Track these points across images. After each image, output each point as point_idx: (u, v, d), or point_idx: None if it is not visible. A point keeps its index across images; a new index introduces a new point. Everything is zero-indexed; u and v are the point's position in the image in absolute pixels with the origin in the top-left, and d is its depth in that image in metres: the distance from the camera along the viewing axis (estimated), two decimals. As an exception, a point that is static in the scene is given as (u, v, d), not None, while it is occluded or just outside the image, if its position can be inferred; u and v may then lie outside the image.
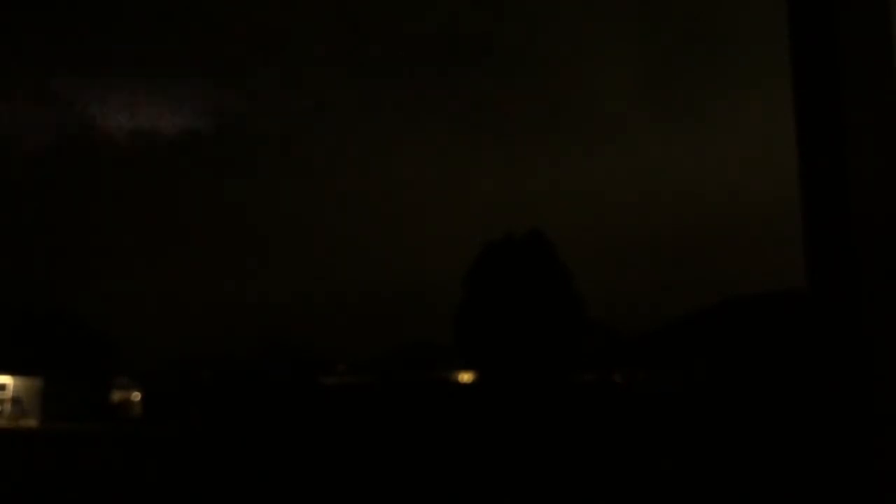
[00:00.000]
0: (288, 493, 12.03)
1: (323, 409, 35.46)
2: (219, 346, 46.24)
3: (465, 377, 39.65)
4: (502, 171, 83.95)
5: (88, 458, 18.93)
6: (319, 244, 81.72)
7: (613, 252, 68.03)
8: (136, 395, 47.70)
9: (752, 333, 28.29)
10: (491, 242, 34.13)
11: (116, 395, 47.68)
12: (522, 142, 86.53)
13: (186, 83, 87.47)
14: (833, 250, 1.45)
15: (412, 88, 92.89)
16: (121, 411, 45.77)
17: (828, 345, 1.43)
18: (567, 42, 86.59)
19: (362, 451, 20.68)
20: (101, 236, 79.56)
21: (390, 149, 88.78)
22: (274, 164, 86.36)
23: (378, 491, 12.25)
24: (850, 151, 1.46)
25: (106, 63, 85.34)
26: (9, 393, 39.84)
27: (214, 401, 39.13)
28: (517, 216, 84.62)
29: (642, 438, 23.03)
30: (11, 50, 73.16)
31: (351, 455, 19.36)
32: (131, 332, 57.75)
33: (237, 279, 75.61)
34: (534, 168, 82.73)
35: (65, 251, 75.93)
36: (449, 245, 72.91)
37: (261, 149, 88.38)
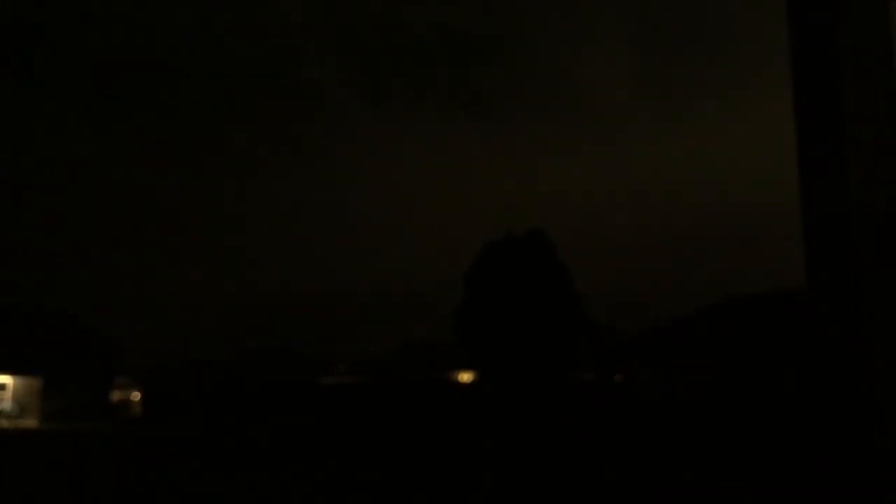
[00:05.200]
0: (288, 492, 12.03)
1: (323, 409, 35.44)
2: (219, 346, 46.30)
3: (465, 377, 39.64)
4: (502, 171, 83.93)
5: (88, 458, 18.93)
6: (320, 244, 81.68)
7: (613, 252, 68.02)
8: (136, 395, 47.70)
9: (752, 333, 28.27)
10: (491, 242, 34.11)
11: (116, 395, 47.67)
12: (522, 142, 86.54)
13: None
14: (833, 250, 1.45)
15: (412, 88, 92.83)
16: (121, 411, 45.76)
17: (827, 345, 1.43)
18: (567, 42, 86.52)
19: (362, 450, 20.68)
20: (101, 236, 79.53)
21: (390, 149, 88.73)
22: (274, 164, 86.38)
23: (378, 490, 12.25)
24: (850, 151, 1.46)
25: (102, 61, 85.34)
26: (9, 393, 39.84)
27: (214, 401, 39.12)
28: (517, 216, 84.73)
29: (641, 438, 23.03)
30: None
31: (351, 455, 19.36)
32: (131, 332, 57.79)
33: (237, 279, 75.57)
34: (534, 168, 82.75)
35: (65, 251, 75.87)
36: (449, 245, 72.93)
37: (260, 149, 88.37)
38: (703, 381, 27.98)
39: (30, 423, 38.32)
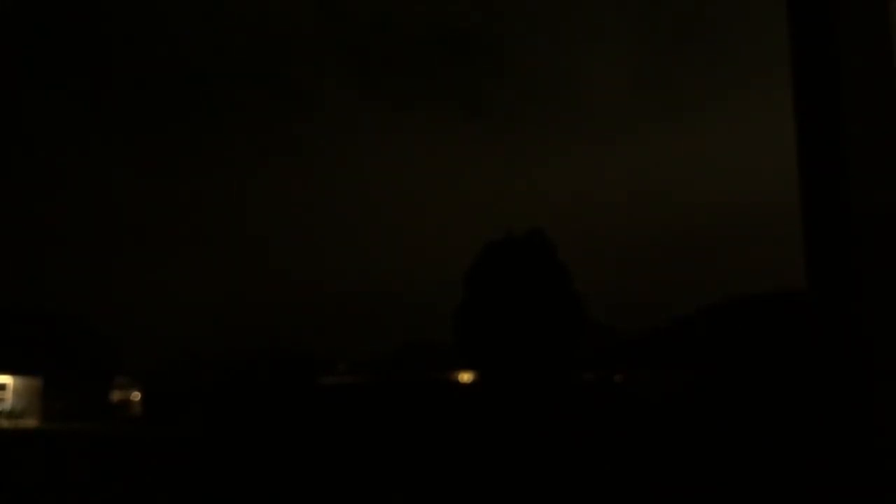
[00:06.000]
0: (288, 493, 12.03)
1: (323, 409, 35.45)
2: (219, 346, 46.28)
3: (465, 377, 39.65)
4: (502, 171, 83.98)
5: (88, 458, 18.93)
6: (320, 244, 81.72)
7: (613, 252, 68.07)
8: (136, 395, 47.71)
9: (751, 333, 28.28)
10: (491, 242, 34.12)
11: (116, 395, 47.67)
12: (522, 142, 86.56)
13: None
14: (833, 250, 1.45)
15: (412, 88, 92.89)
16: (121, 411, 45.77)
17: (828, 345, 1.43)
18: (567, 42, 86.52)
19: (362, 451, 20.68)
20: (101, 236, 79.57)
21: (390, 149, 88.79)
22: (273, 163, 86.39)
23: (378, 491, 12.25)
24: (850, 151, 1.46)
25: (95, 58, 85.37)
26: (9, 393, 39.84)
27: (214, 401, 39.12)
28: (517, 216, 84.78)
29: (641, 438, 23.03)
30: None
31: (351, 455, 19.36)
32: (131, 332, 57.80)
33: (237, 279, 75.61)
34: (534, 168, 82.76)
35: (65, 251, 75.91)
36: (449, 245, 72.97)
37: (259, 149, 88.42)
38: (702, 380, 27.98)
39: (30, 423, 38.32)
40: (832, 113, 1.53)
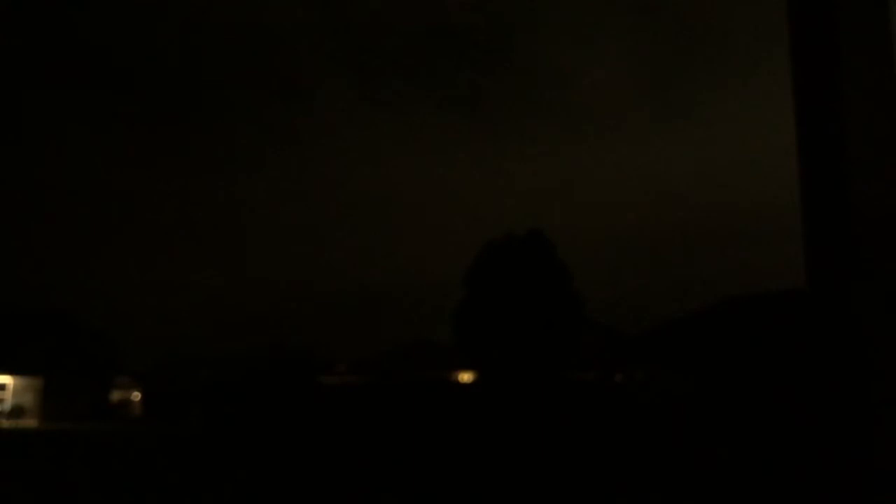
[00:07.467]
0: (288, 493, 12.03)
1: (323, 409, 35.46)
2: (218, 346, 46.34)
3: (465, 377, 39.65)
4: (502, 171, 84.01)
5: (88, 458, 18.92)
6: (320, 244, 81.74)
7: (613, 252, 68.08)
8: (136, 395, 47.74)
9: (752, 333, 28.28)
10: (491, 242, 34.13)
11: (116, 395, 47.69)
12: (522, 141, 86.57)
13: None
14: (833, 250, 1.45)
15: (412, 88, 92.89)
16: (121, 411, 45.80)
17: (828, 345, 1.43)
18: (567, 42, 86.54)
19: (362, 450, 20.68)
20: (101, 236, 79.59)
21: (390, 149, 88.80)
22: (273, 163, 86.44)
23: (378, 491, 12.25)
24: (850, 151, 1.46)
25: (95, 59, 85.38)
26: (9, 393, 39.83)
27: (214, 401, 39.13)
28: (517, 216, 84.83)
29: (641, 438, 23.04)
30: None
31: (351, 455, 19.36)
32: (131, 332, 57.81)
33: (237, 280, 75.64)
34: (534, 168, 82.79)
35: (65, 251, 75.93)
36: (449, 245, 72.98)
37: (259, 149, 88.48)
38: (703, 381, 27.99)
39: (30, 422, 38.33)
40: (832, 113, 1.53)
